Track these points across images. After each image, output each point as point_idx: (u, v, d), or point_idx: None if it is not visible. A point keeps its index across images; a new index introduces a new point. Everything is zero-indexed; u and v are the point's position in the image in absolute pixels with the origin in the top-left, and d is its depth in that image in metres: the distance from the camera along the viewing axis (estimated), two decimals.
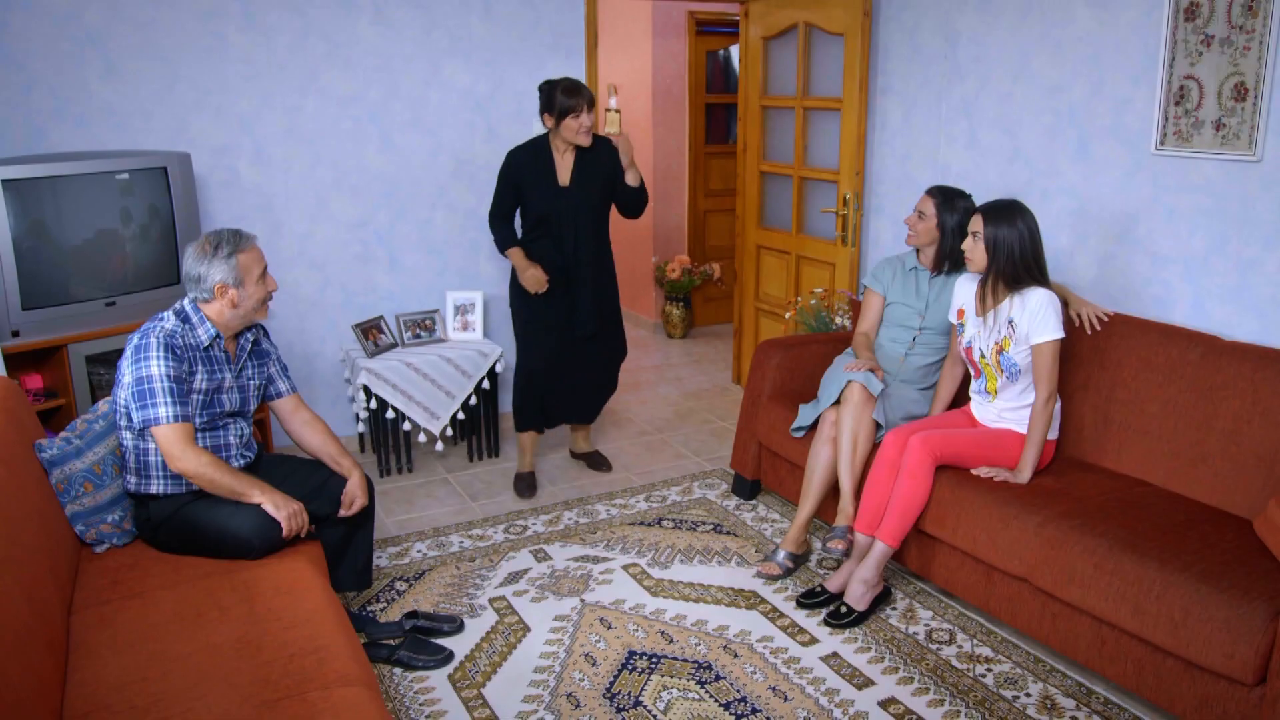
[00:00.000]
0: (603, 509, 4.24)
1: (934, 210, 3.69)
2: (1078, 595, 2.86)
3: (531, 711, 2.87)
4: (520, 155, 4.16)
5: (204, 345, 2.85)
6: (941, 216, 3.67)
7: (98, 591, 2.60)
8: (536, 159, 4.13)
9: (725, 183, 7.42)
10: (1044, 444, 3.33)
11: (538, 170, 4.13)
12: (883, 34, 4.77)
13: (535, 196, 4.14)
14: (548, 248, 4.19)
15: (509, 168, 4.17)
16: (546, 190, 4.13)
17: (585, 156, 4.13)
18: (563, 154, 4.13)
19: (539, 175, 4.12)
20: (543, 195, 4.13)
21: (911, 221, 3.74)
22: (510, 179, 4.17)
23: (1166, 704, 2.70)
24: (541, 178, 4.12)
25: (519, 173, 4.14)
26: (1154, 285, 3.66)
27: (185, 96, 4.23)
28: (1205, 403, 3.18)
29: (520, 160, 4.15)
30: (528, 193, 4.15)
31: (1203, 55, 3.39)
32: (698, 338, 7.39)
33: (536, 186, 4.13)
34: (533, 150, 4.15)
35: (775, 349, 4.22)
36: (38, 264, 3.56)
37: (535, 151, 4.14)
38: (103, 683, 2.19)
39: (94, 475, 2.80)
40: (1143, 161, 3.65)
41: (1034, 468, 3.30)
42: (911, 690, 2.99)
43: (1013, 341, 3.30)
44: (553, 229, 4.17)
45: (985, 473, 3.31)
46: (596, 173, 4.16)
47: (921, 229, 3.71)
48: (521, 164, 4.14)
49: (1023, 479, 3.28)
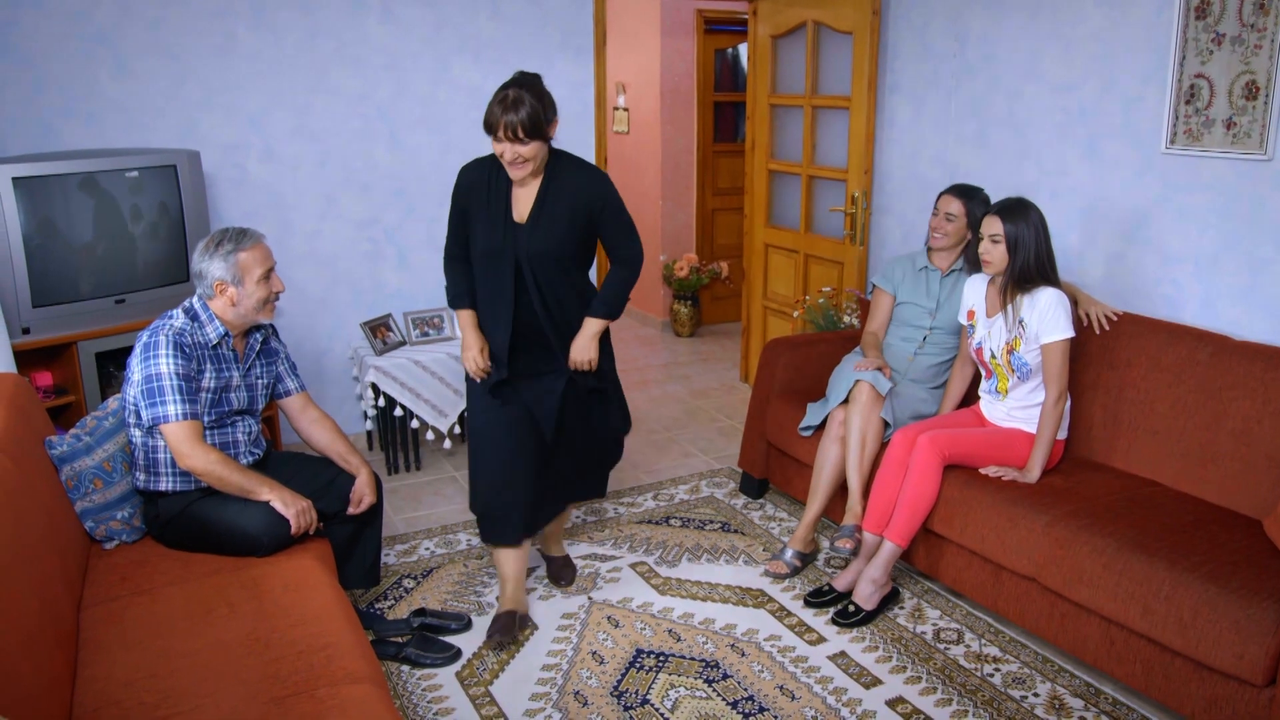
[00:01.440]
0: (610, 507, 4.24)
1: (963, 209, 3.68)
2: (1086, 595, 2.85)
3: (539, 709, 2.87)
4: (471, 172, 3.17)
5: (212, 343, 2.85)
6: (973, 215, 3.67)
7: (107, 588, 2.61)
8: (491, 179, 3.12)
9: (733, 181, 7.42)
10: (1054, 444, 3.32)
11: (489, 194, 3.11)
12: (892, 32, 4.76)
13: (479, 230, 3.12)
14: (490, 307, 3.17)
15: (458, 188, 3.20)
16: (492, 222, 3.09)
17: (556, 185, 3.09)
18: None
19: (488, 200, 3.10)
20: (486, 229, 3.09)
21: (938, 224, 3.73)
22: (458, 202, 3.20)
23: (1175, 705, 2.69)
24: (490, 204, 3.10)
25: (466, 194, 3.17)
26: (1164, 284, 3.65)
27: (195, 95, 4.24)
28: (1215, 402, 3.17)
29: (471, 179, 3.16)
30: (472, 224, 3.15)
31: (1214, 54, 3.38)
32: (705, 336, 7.39)
33: (481, 216, 3.11)
34: (491, 167, 3.13)
35: (783, 348, 4.21)
36: (48, 262, 3.57)
37: (493, 169, 3.12)
38: (112, 679, 2.19)
39: (103, 472, 2.81)
40: (1153, 160, 3.64)
41: (1043, 467, 3.29)
42: (919, 689, 2.98)
43: (1023, 341, 3.29)
44: (495, 280, 3.13)
45: (994, 472, 3.30)
46: (567, 209, 3.08)
47: (952, 230, 3.71)
48: (471, 184, 3.15)
49: (1031, 478, 3.27)
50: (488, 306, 3.17)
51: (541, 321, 3.14)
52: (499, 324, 3.14)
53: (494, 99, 2.93)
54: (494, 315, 3.15)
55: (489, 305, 3.16)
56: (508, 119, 2.89)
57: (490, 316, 3.17)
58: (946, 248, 3.77)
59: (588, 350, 3.20)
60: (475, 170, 3.17)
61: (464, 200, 3.17)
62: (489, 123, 2.92)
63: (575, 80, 5.07)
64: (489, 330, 3.19)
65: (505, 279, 3.09)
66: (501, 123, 2.89)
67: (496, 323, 3.15)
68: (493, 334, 3.17)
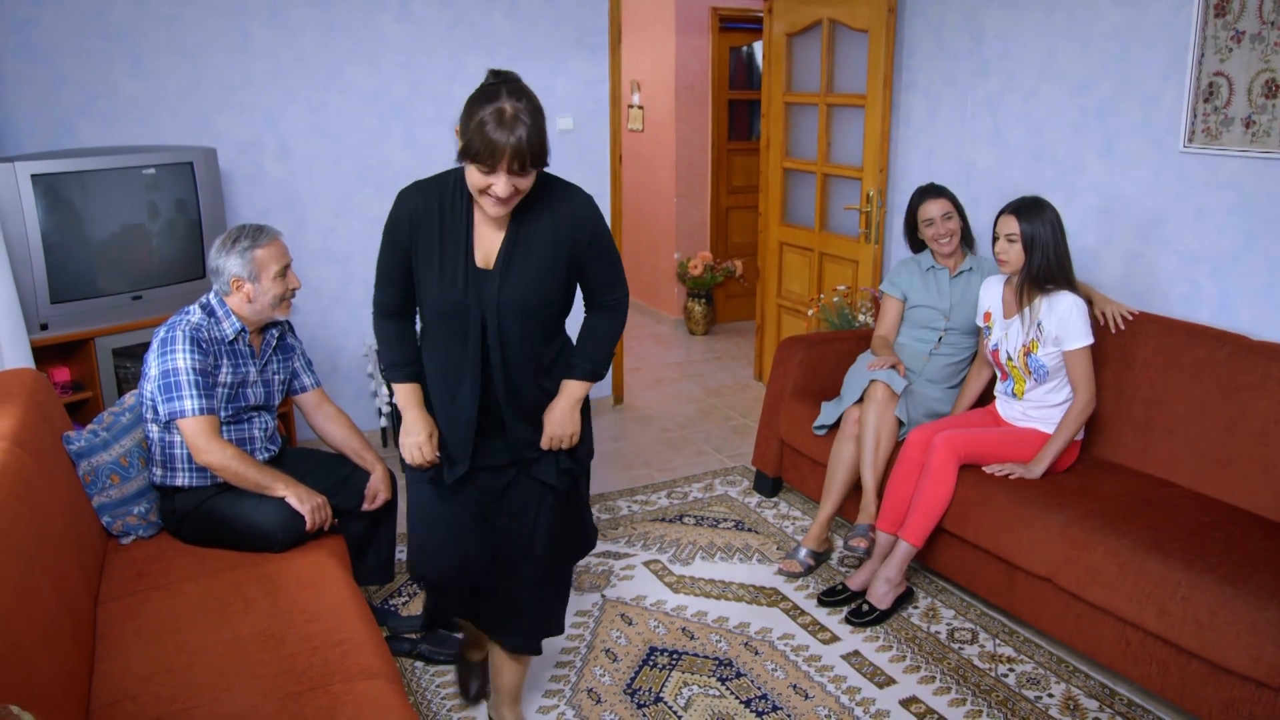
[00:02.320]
0: (624, 505, 4.24)
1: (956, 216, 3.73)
2: (1102, 596, 2.84)
3: (553, 706, 2.88)
4: (413, 200, 2.30)
5: (229, 339, 2.86)
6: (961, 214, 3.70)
7: (124, 583, 2.62)
8: (444, 210, 2.29)
9: (748, 179, 7.41)
10: (1068, 444, 3.30)
11: (443, 230, 2.29)
12: (908, 30, 4.74)
13: (431, 279, 2.29)
14: (447, 382, 2.36)
15: (395, 221, 2.31)
16: (451, 269, 2.28)
17: (531, 216, 2.29)
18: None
19: (442, 239, 2.29)
20: (443, 278, 2.28)
21: (934, 234, 3.73)
22: (396, 240, 2.31)
23: (1191, 707, 2.68)
24: (445, 244, 2.29)
25: (409, 230, 2.29)
26: (1181, 284, 3.63)
27: (211, 92, 4.26)
28: (1233, 403, 3.15)
29: (414, 209, 2.29)
30: (421, 270, 2.30)
31: (1233, 51, 3.36)
32: (719, 334, 7.38)
33: (433, 260, 2.29)
34: (440, 193, 2.30)
35: (798, 346, 4.21)
36: (66, 258, 3.59)
37: (445, 195, 2.30)
38: (129, 673, 2.21)
39: (120, 467, 2.83)
40: (1170, 159, 3.62)
41: (1050, 465, 3.27)
42: (933, 689, 2.98)
43: (1041, 344, 3.28)
44: (454, 345, 2.32)
45: (998, 470, 3.28)
46: (548, 246, 2.30)
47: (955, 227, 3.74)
48: (416, 215, 2.29)
49: (1035, 473, 3.25)
50: (443, 382, 2.36)
51: (499, 396, 2.33)
52: (460, 404, 2.34)
53: (484, 116, 2.09)
54: (452, 393, 2.35)
55: (445, 380, 2.36)
56: (515, 145, 2.08)
57: (446, 394, 2.36)
58: (949, 253, 3.77)
59: (568, 422, 2.41)
60: (418, 197, 2.29)
61: (406, 237, 2.29)
62: (487, 151, 2.08)
63: (590, 78, 5.07)
64: (445, 413, 2.38)
65: (469, 344, 2.29)
66: (507, 151, 2.08)
67: (456, 403, 2.35)
68: (451, 418, 2.37)
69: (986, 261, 3.79)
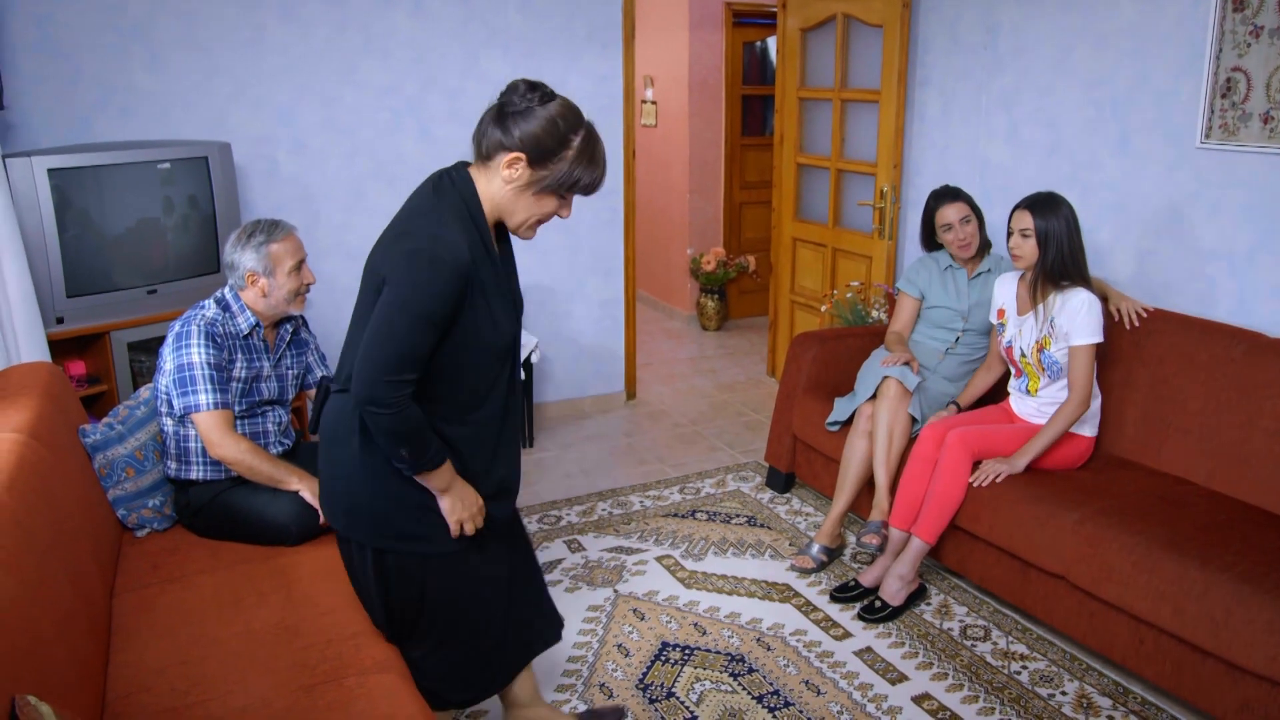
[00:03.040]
0: (637, 500, 4.24)
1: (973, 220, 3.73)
2: (1116, 594, 2.83)
3: (565, 700, 2.88)
4: (464, 246, 2.00)
5: (243, 333, 2.88)
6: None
7: (139, 575, 2.64)
8: (487, 249, 2.09)
9: (761, 175, 7.39)
10: (1054, 442, 3.27)
11: (495, 271, 2.11)
12: (922, 25, 4.72)
13: (482, 320, 2.07)
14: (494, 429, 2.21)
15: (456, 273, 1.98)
16: (504, 306, 2.14)
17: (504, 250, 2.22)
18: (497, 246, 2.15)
19: (496, 279, 2.12)
20: (501, 319, 2.12)
21: (953, 239, 3.72)
22: (446, 297, 1.98)
23: (1207, 706, 2.66)
24: (500, 284, 2.13)
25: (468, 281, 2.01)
26: (1197, 281, 3.61)
27: (225, 87, 4.27)
28: (1249, 401, 3.13)
29: (472, 255, 2.02)
30: (474, 316, 2.05)
31: (1251, 46, 3.33)
32: (732, 330, 7.38)
33: (494, 303, 2.10)
34: (462, 229, 2.03)
35: (811, 342, 4.20)
36: (81, 252, 3.61)
37: (468, 232, 2.04)
38: (144, 665, 2.22)
39: (135, 461, 2.84)
40: (1186, 155, 3.60)
41: (1032, 460, 3.25)
42: (946, 686, 2.97)
43: (1054, 340, 3.27)
44: (501, 389, 2.19)
45: (984, 481, 3.25)
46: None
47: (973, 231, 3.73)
48: (475, 262, 2.03)
49: (1017, 467, 3.23)
50: (492, 429, 2.20)
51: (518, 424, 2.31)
52: (508, 439, 2.26)
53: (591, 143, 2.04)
54: (500, 430, 2.22)
55: (493, 427, 2.20)
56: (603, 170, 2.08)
57: (495, 434, 2.22)
58: (969, 258, 3.76)
59: None
60: (464, 239, 2.01)
61: (457, 291, 1.99)
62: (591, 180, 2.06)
63: (603, 73, 5.07)
64: (490, 465, 2.23)
65: (516, 373, 2.23)
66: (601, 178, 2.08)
67: (504, 438, 2.24)
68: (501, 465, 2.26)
69: (1004, 261, 3.78)
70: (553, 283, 5.20)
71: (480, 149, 2.07)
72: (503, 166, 2.02)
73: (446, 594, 2.26)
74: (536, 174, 2.03)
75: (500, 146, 2.02)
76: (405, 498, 2.14)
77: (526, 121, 1.99)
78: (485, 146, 2.05)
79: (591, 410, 5.45)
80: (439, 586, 2.24)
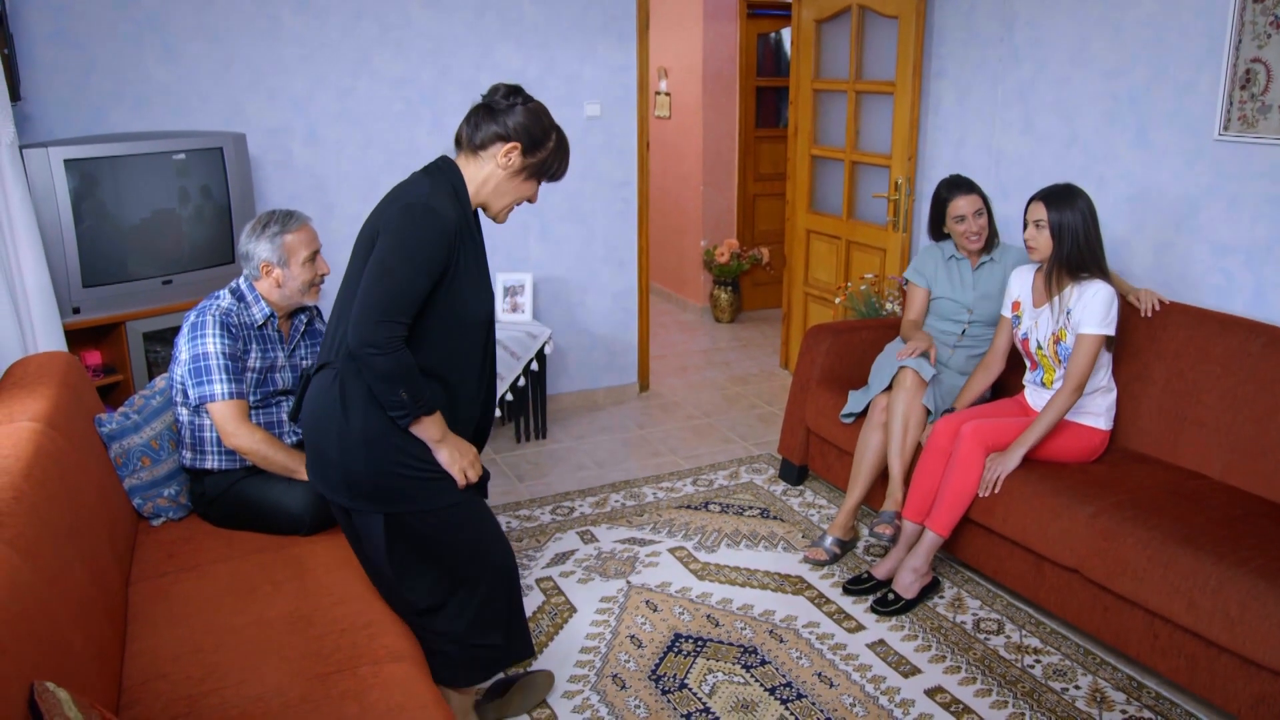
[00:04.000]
0: (650, 492, 4.25)
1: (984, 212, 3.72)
2: (1130, 588, 2.82)
3: (577, 691, 2.89)
4: (451, 211, 2.23)
5: (258, 324, 2.89)
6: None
7: (154, 564, 2.65)
8: (471, 220, 2.35)
9: (775, 167, 7.38)
10: (1047, 434, 3.26)
11: (474, 241, 2.36)
12: (938, 16, 4.70)
13: (466, 290, 2.30)
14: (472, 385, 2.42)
15: (444, 234, 2.21)
16: (484, 277, 2.38)
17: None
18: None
19: (476, 249, 2.36)
20: (482, 289, 2.36)
21: (964, 229, 3.70)
22: (436, 258, 2.20)
23: (1221, 701, 2.65)
24: (479, 254, 2.37)
25: (456, 244, 2.25)
26: (1214, 274, 3.59)
27: (240, 78, 4.28)
28: (1266, 395, 3.11)
29: (458, 223, 2.25)
30: (455, 283, 2.26)
31: (1271, 37, 3.30)
32: (746, 322, 7.37)
33: (473, 272, 2.33)
34: (455, 204, 2.27)
35: (825, 334, 4.19)
36: (97, 243, 3.63)
37: (460, 207, 2.29)
38: (159, 653, 2.23)
39: (151, 450, 2.86)
40: (1204, 147, 3.57)
41: (1025, 453, 3.24)
42: (959, 679, 2.97)
43: (1069, 331, 3.25)
44: (481, 353, 2.40)
45: (986, 489, 3.24)
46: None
47: (984, 224, 3.71)
48: (459, 227, 2.25)
49: (1011, 463, 3.22)
50: (471, 386, 2.41)
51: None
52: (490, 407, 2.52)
53: (558, 138, 2.38)
54: (476, 397, 2.44)
55: (469, 385, 2.40)
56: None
57: (473, 401, 2.43)
58: (977, 249, 3.75)
59: None
60: (452, 209, 2.24)
61: (447, 255, 2.22)
62: (563, 168, 2.42)
63: (618, 64, 5.06)
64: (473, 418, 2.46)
65: (492, 346, 2.47)
66: (567, 166, 2.44)
67: (488, 407, 2.51)
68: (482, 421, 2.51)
69: (1008, 252, 3.76)
70: (566, 274, 5.20)
71: (473, 140, 2.32)
72: (500, 155, 2.30)
73: (469, 535, 2.43)
74: (527, 161, 2.33)
75: (498, 137, 2.30)
76: (404, 459, 2.29)
77: (517, 117, 2.30)
78: (480, 138, 2.31)
79: (605, 402, 5.45)
80: (458, 533, 2.41)
